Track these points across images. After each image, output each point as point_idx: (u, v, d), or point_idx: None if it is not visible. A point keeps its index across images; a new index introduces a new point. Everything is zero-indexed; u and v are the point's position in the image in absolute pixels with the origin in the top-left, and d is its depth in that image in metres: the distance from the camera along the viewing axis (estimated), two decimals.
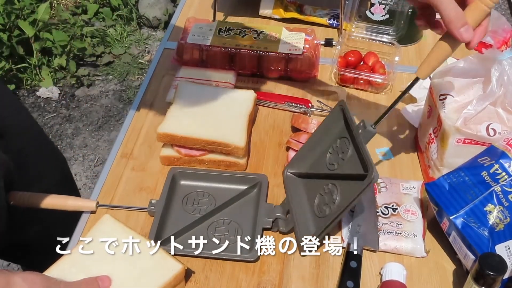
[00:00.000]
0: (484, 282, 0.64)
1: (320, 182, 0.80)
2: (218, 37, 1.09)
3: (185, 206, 0.83)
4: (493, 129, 0.77)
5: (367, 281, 0.76)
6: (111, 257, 0.72)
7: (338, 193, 0.76)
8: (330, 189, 0.78)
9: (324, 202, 0.78)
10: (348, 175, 0.75)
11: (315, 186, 0.81)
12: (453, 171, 0.77)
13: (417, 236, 0.79)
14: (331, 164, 0.80)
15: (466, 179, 0.75)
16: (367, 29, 1.17)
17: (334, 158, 0.80)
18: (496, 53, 0.77)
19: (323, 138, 0.83)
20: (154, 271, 0.72)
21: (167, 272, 0.71)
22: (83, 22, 2.73)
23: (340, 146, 0.79)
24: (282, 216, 0.80)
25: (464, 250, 0.73)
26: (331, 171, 0.79)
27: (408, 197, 0.84)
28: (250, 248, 0.77)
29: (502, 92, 0.77)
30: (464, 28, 0.64)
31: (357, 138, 0.74)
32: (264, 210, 0.81)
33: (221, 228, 0.81)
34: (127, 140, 0.96)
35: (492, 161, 0.74)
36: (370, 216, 0.81)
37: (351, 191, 0.72)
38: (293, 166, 0.86)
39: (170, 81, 1.07)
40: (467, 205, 0.73)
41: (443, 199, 0.76)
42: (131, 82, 2.52)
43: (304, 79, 1.08)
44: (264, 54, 1.06)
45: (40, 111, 2.36)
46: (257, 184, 0.85)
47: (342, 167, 0.77)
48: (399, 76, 1.10)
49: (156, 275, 0.71)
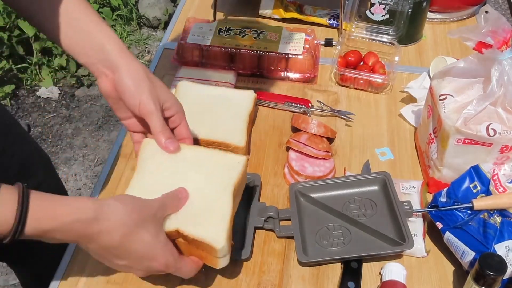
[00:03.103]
0: (484, 282, 0.64)
1: (331, 217, 0.82)
2: (218, 37, 1.09)
3: None
4: (493, 129, 0.77)
5: (367, 281, 0.76)
6: (174, 172, 0.71)
7: (351, 239, 0.79)
8: (342, 230, 0.80)
9: (329, 237, 0.80)
10: (379, 233, 0.78)
11: (324, 217, 0.83)
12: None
13: (417, 236, 0.79)
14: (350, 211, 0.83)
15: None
16: (367, 29, 1.17)
17: (353, 207, 0.83)
18: (496, 53, 0.77)
19: (349, 185, 0.85)
20: (223, 170, 0.71)
21: (235, 165, 0.71)
22: None
23: (363, 203, 0.83)
24: (274, 215, 0.80)
25: (460, 249, 0.73)
26: (351, 217, 0.81)
27: (408, 197, 0.84)
28: (242, 246, 0.77)
29: (502, 92, 0.77)
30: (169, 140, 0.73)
31: (401, 211, 0.79)
32: (257, 209, 0.81)
33: None
34: (127, 140, 0.96)
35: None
36: None
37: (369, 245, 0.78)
38: (304, 187, 0.86)
39: (170, 81, 1.07)
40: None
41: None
42: None
43: (304, 79, 1.08)
44: (264, 54, 1.06)
45: (40, 111, 2.36)
46: (250, 183, 0.85)
47: (369, 222, 0.80)
48: (399, 76, 1.10)
49: (226, 173, 0.71)
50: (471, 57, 0.82)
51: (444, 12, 1.26)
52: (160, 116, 0.72)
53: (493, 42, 0.76)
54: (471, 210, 0.76)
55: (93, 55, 0.72)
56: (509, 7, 3.00)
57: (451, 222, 0.76)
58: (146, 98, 0.71)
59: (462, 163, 0.81)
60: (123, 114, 0.76)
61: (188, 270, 0.68)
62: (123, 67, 0.71)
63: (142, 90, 0.71)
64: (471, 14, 1.29)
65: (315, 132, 0.91)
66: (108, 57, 0.72)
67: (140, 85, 0.71)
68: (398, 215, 0.78)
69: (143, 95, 0.71)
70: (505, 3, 3.04)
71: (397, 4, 1.13)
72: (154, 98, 0.72)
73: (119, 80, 0.71)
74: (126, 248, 0.62)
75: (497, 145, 0.78)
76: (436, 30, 1.25)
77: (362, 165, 0.91)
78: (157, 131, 0.72)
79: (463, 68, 0.83)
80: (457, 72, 0.83)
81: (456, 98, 0.82)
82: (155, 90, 0.73)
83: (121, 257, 0.64)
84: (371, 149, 0.95)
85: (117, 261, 0.64)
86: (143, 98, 0.71)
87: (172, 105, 0.75)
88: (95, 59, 0.72)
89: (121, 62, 0.71)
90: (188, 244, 0.67)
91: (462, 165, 0.81)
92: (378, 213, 0.81)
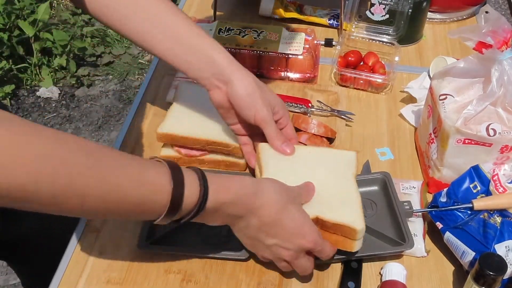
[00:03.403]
0: (484, 282, 0.64)
1: None
2: (218, 37, 1.09)
3: None
4: (493, 129, 0.77)
5: (367, 281, 0.76)
6: (296, 170, 0.77)
7: None
8: None
9: None
10: (379, 233, 0.78)
11: None
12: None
13: (417, 236, 0.79)
14: None
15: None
16: (367, 29, 1.17)
17: None
18: (496, 53, 0.77)
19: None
20: (339, 164, 0.77)
21: (349, 159, 0.78)
22: (83, 22, 2.72)
23: (363, 203, 0.82)
24: None
25: (460, 249, 0.73)
26: None
27: (408, 197, 0.84)
28: (242, 246, 0.77)
29: (502, 92, 0.77)
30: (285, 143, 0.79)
31: (401, 211, 0.79)
32: None
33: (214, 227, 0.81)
34: (127, 140, 0.96)
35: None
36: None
37: (369, 245, 0.76)
38: None
39: (170, 81, 1.07)
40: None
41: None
42: (131, 82, 2.53)
43: (304, 79, 1.08)
44: (264, 54, 1.06)
45: (40, 111, 2.36)
46: None
47: (369, 222, 0.79)
48: (399, 76, 1.10)
49: (343, 166, 0.77)
50: (471, 57, 0.82)
51: (444, 12, 1.26)
52: (274, 123, 0.78)
53: (493, 42, 0.76)
54: (471, 210, 0.76)
55: (205, 70, 0.76)
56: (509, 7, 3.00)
57: (451, 222, 0.76)
58: (260, 108, 0.76)
59: (462, 163, 0.81)
60: (232, 121, 0.82)
61: (328, 251, 0.71)
62: (236, 80, 0.76)
63: (256, 101, 0.76)
64: (471, 14, 1.29)
65: (315, 132, 0.91)
66: (220, 71, 0.76)
67: (253, 96, 0.76)
68: (398, 215, 0.78)
69: (257, 106, 0.76)
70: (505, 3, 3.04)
71: (397, 4, 1.13)
72: (267, 106, 0.77)
73: (233, 93, 0.76)
74: (279, 223, 0.67)
75: (497, 145, 0.78)
76: (436, 30, 1.25)
77: (362, 165, 0.91)
78: (273, 137, 0.78)
79: (463, 68, 0.83)
80: (457, 72, 0.83)
81: (456, 98, 0.82)
82: (266, 98, 0.78)
83: (274, 235, 0.67)
84: (371, 149, 0.95)
85: (269, 240, 0.68)
86: (257, 108, 0.76)
87: (280, 108, 0.80)
88: (207, 74, 0.77)
89: (233, 75, 0.76)
90: (324, 232, 0.71)
91: (462, 165, 0.81)
92: (378, 213, 0.81)
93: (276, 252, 0.69)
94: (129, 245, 0.78)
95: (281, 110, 0.81)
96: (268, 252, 0.70)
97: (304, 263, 0.70)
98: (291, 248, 0.68)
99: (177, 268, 0.76)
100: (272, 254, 0.70)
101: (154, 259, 0.77)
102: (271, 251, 0.69)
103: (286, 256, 0.69)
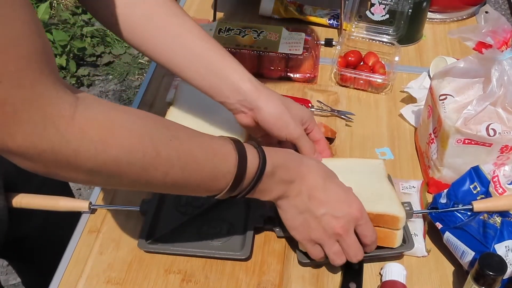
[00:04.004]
0: (484, 282, 0.64)
1: None
2: (218, 37, 1.09)
3: (177, 205, 0.83)
4: (493, 129, 0.77)
5: (367, 281, 0.76)
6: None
7: None
8: None
9: None
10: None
11: None
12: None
13: (417, 236, 0.79)
14: None
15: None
16: (367, 29, 1.17)
17: None
18: (496, 53, 0.77)
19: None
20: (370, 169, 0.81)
21: (378, 165, 0.82)
22: (83, 22, 2.73)
23: None
24: (274, 215, 0.80)
25: (460, 249, 0.73)
26: None
27: (408, 197, 0.84)
28: (242, 246, 0.77)
29: (502, 92, 0.77)
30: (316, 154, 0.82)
31: None
32: (256, 209, 0.81)
33: (214, 226, 0.81)
34: None
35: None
36: None
37: None
38: None
39: (170, 81, 1.07)
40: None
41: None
42: (131, 82, 2.53)
43: (304, 79, 1.08)
44: (264, 54, 1.06)
45: None
46: None
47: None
48: (399, 76, 1.10)
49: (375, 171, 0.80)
50: (471, 57, 0.82)
51: (444, 12, 1.26)
52: (306, 138, 0.81)
53: (493, 42, 0.76)
54: (471, 211, 0.76)
55: (231, 96, 0.78)
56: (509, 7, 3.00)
57: (451, 223, 0.76)
58: (293, 128, 0.78)
59: (462, 163, 0.81)
60: (259, 135, 0.84)
61: (371, 230, 0.72)
62: (263, 107, 0.78)
63: (286, 122, 0.78)
64: (471, 14, 1.29)
65: None
66: (246, 98, 0.78)
67: (282, 118, 0.78)
68: None
69: (289, 126, 0.78)
70: (505, 3, 3.04)
71: (397, 4, 1.13)
72: (297, 123, 0.79)
73: (261, 118, 0.78)
74: (328, 188, 0.70)
75: (497, 145, 0.78)
76: (436, 30, 1.25)
77: None
78: (307, 151, 0.80)
79: (463, 68, 0.83)
80: (457, 72, 0.83)
81: (456, 98, 0.82)
82: (295, 115, 0.79)
83: (324, 202, 0.69)
84: (371, 149, 0.95)
85: (320, 209, 0.69)
86: (289, 129, 0.78)
87: (307, 119, 0.82)
88: (233, 100, 0.78)
89: (259, 102, 0.77)
90: None
91: (462, 165, 0.81)
92: None
93: (327, 224, 0.69)
94: (129, 245, 0.78)
95: (308, 120, 0.82)
96: (320, 229, 0.70)
97: (355, 242, 0.71)
98: (341, 215, 0.69)
99: (177, 268, 0.76)
100: (323, 230, 0.70)
101: (154, 259, 0.77)
102: (323, 225, 0.69)
103: (337, 227, 0.69)
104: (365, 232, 0.71)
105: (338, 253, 0.71)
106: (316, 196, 0.69)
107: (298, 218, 0.70)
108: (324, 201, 0.69)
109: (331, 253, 0.71)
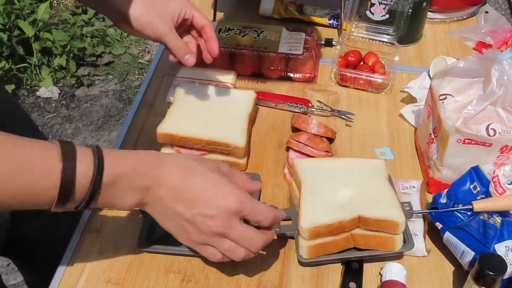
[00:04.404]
0: (484, 282, 0.64)
1: None
2: (218, 37, 1.09)
3: None
4: (493, 129, 0.77)
5: (367, 281, 0.76)
6: (332, 180, 0.80)
7: None
8: None
9: None
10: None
11: None
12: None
13: (417, 236, 0.79)
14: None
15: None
16: (367, 29, 1.17)
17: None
18: (496, 53, 0.77)
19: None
20: (371, 171, 0.80)
21: (380, 166, 0.82)
22: (83, 22, 2.72)
23: None
24: None
25: (460, 249, 0.73)
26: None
27: (408, 197, 0.84)
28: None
29: (502, 92, 0.77)
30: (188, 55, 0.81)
31: None
32: None
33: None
34: (127, 140, 0.96)
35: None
36: None
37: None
38: None
39: (170, 81, 1.07)
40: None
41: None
42: (131, 82, 2.52)
43: (304, 79, 1.08)
44: (264, 54, 1.06)
45: (40, 111, 2.36)
46: None
47: None
48: (399, 76, 1.10)
49: (375, 173, 0.80)
50: (471, 57, 0.82)
51: (444, 12, 1.26)
52: (174, 36, 0.78)
53: (493, 42, 0.76)
54: (471, 212, 0.76)
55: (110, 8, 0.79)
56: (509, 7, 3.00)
57: (451, 223, 0.76)
58: (155, 26, 0.77)
59: (462, 163, 0.81)
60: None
61: (264, 211, 0.65)
62: (129, 11, 0.77)
63: (148, 20, 0.77)
64: (471, 14, 1.29)
65: (315, 132, 0.91)
66: (115, 7, 0.77)
67: (144, 16, 0.77)
68: None
69: (152, 24, 0.76)
70: (505, 3, 3.04)
71: (397, 4, 1.13)
72: (164, 20, 0.77)
73: (132, 22, 0.77)
74: (191, 186, 0.62)
75: (497, 145, 0.78)
76: (436, 30, 1.25)
77: None
78: (176, 50, 0.78)
79: (463, 68, 0.83)
80: (457, 72, 0.83)
81: (456, 98, 0.82)
82: (159, 11, 0.77)
83: (192, 203, 0.62)
84: (371, 149, 0.95)
85: (189, 211, 0.62)
86: (152, 27, 0.76)
87: (182, 9, 0.80)
88: (112, 12, 0.79)
89: (125, 6, 0.77)
90: (366, 236, 0.74)
91: (462, 165, 0.81)
92: None
93: (203, 226, 0.62)
94: (129, 245, 0.78)
95: (184, 9, 0.81)
96: (197, 231, 0.63)
97: (246, 234, 0.64)
98: (216, 214, 0.62)
99: (177, 268, 0.76)
100: (202, 232, 0.63)
101: (154, 259, 0.77)
102: (200, 228, 0.62)
103: (214, 227, 0.62)
104: (256, 218, 0.65)
105: (231, 249, 0.65)
106: (183, 197, 0.62)
107: (171, 224, 0.65)
108: (193, 200, 0.62)
109: (223, 251, 0.65)
